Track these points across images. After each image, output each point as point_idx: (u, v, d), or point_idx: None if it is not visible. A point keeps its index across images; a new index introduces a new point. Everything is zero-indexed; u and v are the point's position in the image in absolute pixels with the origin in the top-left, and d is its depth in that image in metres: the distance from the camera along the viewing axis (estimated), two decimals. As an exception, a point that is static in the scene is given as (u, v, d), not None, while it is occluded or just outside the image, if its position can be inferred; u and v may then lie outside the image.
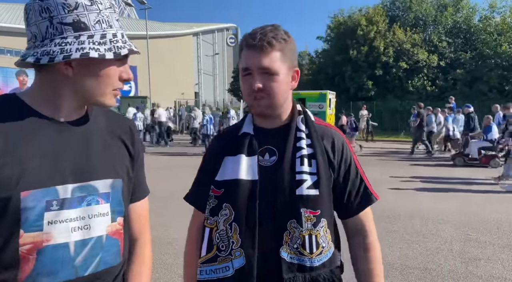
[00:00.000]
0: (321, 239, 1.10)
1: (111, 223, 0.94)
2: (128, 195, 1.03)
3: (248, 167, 1.13)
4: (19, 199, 0.80)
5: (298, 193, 1.09)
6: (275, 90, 1.10)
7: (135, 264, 1.07)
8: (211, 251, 1.13)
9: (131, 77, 0.95)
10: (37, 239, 0.83)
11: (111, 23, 0.88)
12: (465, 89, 24.12)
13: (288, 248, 1.09)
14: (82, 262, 0.88)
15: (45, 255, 0.83)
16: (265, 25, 1.12)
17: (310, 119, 1.21)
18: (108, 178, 0.94)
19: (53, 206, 0.85)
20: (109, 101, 0.93)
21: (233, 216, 1.11)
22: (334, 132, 1.22)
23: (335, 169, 1.16)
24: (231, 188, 1.12)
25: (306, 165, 1.11)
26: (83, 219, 0.89)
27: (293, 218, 1.09)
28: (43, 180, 0.84)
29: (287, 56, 1.11)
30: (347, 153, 1.20)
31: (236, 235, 1.10)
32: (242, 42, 1.12)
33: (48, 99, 0.89)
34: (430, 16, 27.11)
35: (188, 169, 10.02)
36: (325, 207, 1.12)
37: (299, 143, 1.14)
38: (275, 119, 1.19)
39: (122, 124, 1.06)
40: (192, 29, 57.87)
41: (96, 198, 0.91)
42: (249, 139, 1.17)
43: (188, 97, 37.51)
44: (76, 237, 0.87)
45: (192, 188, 1.31)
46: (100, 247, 0.92)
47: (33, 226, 0.82)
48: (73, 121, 0.93)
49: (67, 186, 0.87)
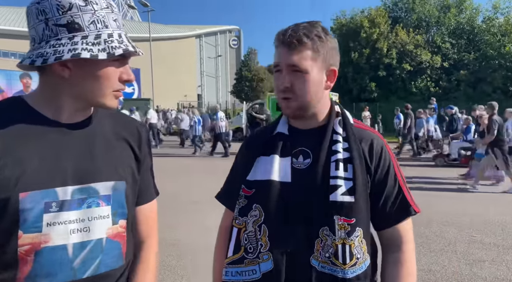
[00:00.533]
0: (356, 250, 1.03)
1: (112, 226, 0.93)
2: (134, 197, 1.01)
3: (281, 168, 1.09)
4: (17, 200, 0.80)
5: (332, 199, 1.03)
6: (304, 90, 1.05)
7: (140, 270, 1.04)
8: (238, 252, 1.09)
9: (132, 78, 0.93)
10: (36, 240, 0.83)
11: (107, 23, 0.86)
12: (469, 90, 24.05)
13: (319, 256, 1.03)
14: (81, 265, 0.88)
15: (43, 257, 0.83)
16: (302, 22, 1.08)
17: (348, 122, 1.14)
18: (109, 180, 0.93)
19: (52, 207, 0.84)
20: (110, 103, 0.92)
21: (263, 217, 1.07)
22: (373, 135, 1.14)
23: (372, 174, 1.09)
24: (262, 188, 1.09)
25: (342, 169, 1.05)
26: (83, 221, 0.88)
27: (326, 225, 1.03)
28: (42, 182, 0.84)
29: (321, 54, 1.05)
30: (385, 157, 1.11)
31: (265, 238, 1.06)
32: (275, 38, 1.09)
33: (50, 101, 0.90)
34: (433, 17, 27.07)
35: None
36: (361, 216, 1.04)
37: (335, 146, 1.08)
38: (310, 120, 1.13)
39: (129, 126, 1.05)
40: (195, 31, 58.04)
41: (96, 200, 0.91)
42: (283, 140, 1.13)
43: (191, 99, 37.58)
44: (75, 239, 0.87)
45: (223, 187, 1.28)
46: (100, 249, 0.91)
47: (32, 227, 0.82)
48: (76, 123, 0.93)
49: (67, 188, 0.87)
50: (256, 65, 44.40)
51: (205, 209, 5.79)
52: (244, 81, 39.70)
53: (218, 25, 66.98)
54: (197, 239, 4.48)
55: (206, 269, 4.01)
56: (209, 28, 63.14)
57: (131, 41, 0.91)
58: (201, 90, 57.60)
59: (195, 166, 10.68)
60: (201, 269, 3.63)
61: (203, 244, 4.26)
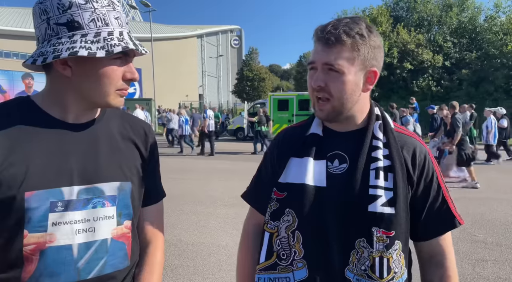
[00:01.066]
0: (394, 264, 0.97)
1: (116, 226, 0.93)
2: (140, 198, 1.01)
3: (315, 171, 1.03)
4: (23, 199, 0.81)
5: (371, 209, 0.96)
6: (339, 91, 0.97)
7: (145, 271, 1.02)
8: (271, 258, 1.05)
9: (136, 77, 0.92)
10: (41, 240, 0.83)
11: (108, 21, 0.85)
12: (470, 89, 23.98)
13: (354, 268, 0.98)
14: (85, 265, 0.87)
15: (48, 256, 0.83)
16: (345, 17, 1.01)
17: (389, 126, 1.05)
18: (115, 180, 0.93)
19: (57, 207, 0.84)
20: (114, 102, 0.91)
21: (297, 223, 1.02)
22: (416, 142, 1.06)
23: (414, 185, 1.02)
24: (295, 192, 1.03)
25: (382, 178, 0.98)
26: (88, 222, 0.88)
27: (363, 237, 0.97)
28: (48, 181, 0.84)
29: (361, 54, 0.96)
30: (429, 166, 1.03)
31: (299, 245, 1.01)
32: (314, 33, 1.01)
33: (56, 101, 0.90)
34: (435, 16, 27.01)
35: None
36: (401, 229, 0.98)
37: (374, 152, 1.01)
38: (347, 122, 1.06)
39: (136, 127, 1.05)
40: (196, 31, 58.08)
41: (101, 201, 0.91)
42: (318, 142, 1.06)
43: (192, 99, 37.61)
44: (80, 240, 0.87)
45: (250, 186, 1.23)
46: (105, 250, 0.91)
47: (37, 227, 0.82)
48: (82, 123, 0.93)
49: (73, 188, 0.87)
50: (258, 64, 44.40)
51: (206, 209, 5.80)
52: (245, 81, 39.70)
53: (219, 25, 67.01)
54: (198, 239, 4.49)
55: (207, 269, 4.03)
56: (210, 28, 63.17)
57: (135, 40, 0.90)
58: (202, 90, 57.61)
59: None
60: (202, 269, 3.64)
61: (204, 244, 4.27)
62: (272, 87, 44.19)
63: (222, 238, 4.53)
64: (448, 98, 23.13)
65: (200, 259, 3.88)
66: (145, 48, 0.91)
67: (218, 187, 7.44)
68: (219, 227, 4.96)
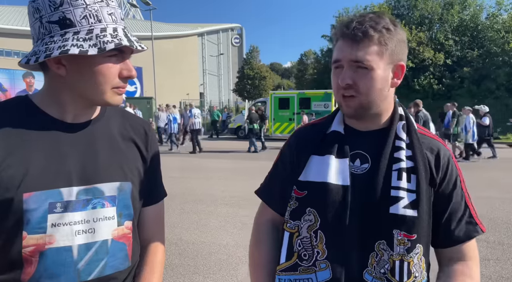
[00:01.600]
0: (414, 268, 0.95)
1: (117, 227, 0.92)
2: (140, 198, 1.00)
3: (338, 170, 1.00)
4: (21, 200, 0.80)
5: (392, 211, 0.94)
6: (368, 88, 0.94)
7: (146, 271, 1.00)
8: (291, 258, 1.02)
9: (133, 74, 0.89)
10: (40, 241, 0.82)
11: (101, 17, 0.82)
12: (472, 88, 23.92)
13: (373, 271, 0.95)
14: (85, 266, 0.86)
15: (47, 258, 0.82)
16: (367, 12, 0.98)
17: (412, 127, 1.03)
18: (115, 180, 0.92)
19: (56, 208, 0.83)
20: (111, 100, 0.89)
21: (319, 223, 0.99)
22: (440, 144, 1.03)
23: (436, 188, 0.99)
24: (317, 191, 1.00)
25: (405, 180, 0.95)
26: (88, 223, 0.87)
27: (383, 239, 0.95)
28: (47, 182, 0.83)
29: (389, 48, 0.94)
30: (452, 170, 1.00)
31: (322, 245, 0.99)
32: (337, 30, 0.98)
33: (53, 100, 0.89)
34: (436, 14, 26.92)
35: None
36: (423, 232, 0.95)
37: (397, 153, 0.98)
38: (371, 121, 1.03)
39: (136, 126, 1.04)
40: (197, 30, 58.04)
41: (101, 201, 0.89)
42: (339, 140, 1.03)
43: (193, 98, 37.61)
44: (80, 241, 0.86)
45: (264, 182, 1.20)
46: (105, 251, 0.89)
47: (36, 228, 0.81)
48: (82, 123, 0.92)
49: (72, 189, 0.86)
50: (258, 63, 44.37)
51: (207, 208, 5.79)
52: (246, 80, 39.67)
53: (220, 23, 66.95)
54: (198, 238, 4.48)
55: (207, 268, 4.01)
56: (211, 26, 63.12)
57: (131, 36, 0.87)
58: (203, 88, 57.61)
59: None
60: (203, 268, 3.63)
61: (205, 243, 4.27)
62: (273, 86, 44.15)
63: (223, 237, 4.52)
64: (450, 96, 23.11)
65: (200, 258, 3.87)
66: (142, 44, 0.88)
67: (219, 186, 7.43)
68: (219, 226, 4.96)
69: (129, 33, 0.87)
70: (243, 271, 3.56)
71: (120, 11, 0.88)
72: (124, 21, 0.89)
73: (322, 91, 17.87)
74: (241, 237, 4.48)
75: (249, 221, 4.93)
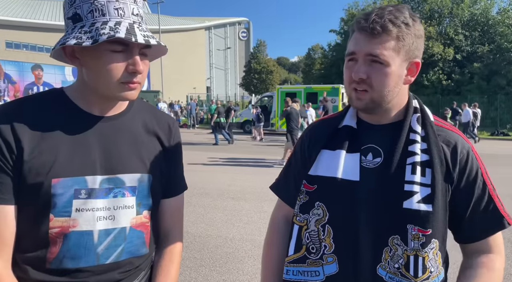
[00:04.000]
0: (430, 263, 0.93)
1: (136, 216, 0.97)
2: (159, 190, 1.04)
3: (348, 165, 0.99)
4: (50, 185, 0.86)
5: (406, 206, 0.92)
6: (382, 84, 0.93)
7: (164, 261, 1.06)
8: (299, 251, 1.03)
9: (139, 69, 0.90)
10: (65, 224, 0.89)
11: (105, 11, 0.85)
12: (482, 83, 23.63)
13: (387, 266, 0.94)
14: (104, 251, 0.92)
15: (70, 240, 0.89)
16: (387, 5, 0.95)
17: (428, 119, 1.00)
18: (136, 172, 0.97)
19: (81, 194, 0.90)
20: (119, 94, 0.91)
21: (327, 217, 0.99)
22: (458, 137, 0.99)
23: (454, 182, 0.95)
24: (326, 186, 1.00)
25: (419, 174, 0.93)
26: (109, 210, 0.93)
27: (397, 234, 0.93)
28: (74, 170, 0.89)
29: (406, 44, 0.92)
30: (472, 163, 0.96)
31: (329, 239, 0.99)
32: (354, 23, 0.96)
33: (80, 93, 0.96)
34: (446, 8, 26.54)
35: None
36: (438, 227, 0.93)
37: (411, 146, 0.96)
38: (384, 115, 1.01)
39: (161, 121, 1.08)
40: (204, 23, 57.89)
41: (122, 191, 0.95)
42: (351, 135, 1.03)
43: (200, 92, 37.63)
44: (101, 226, 0.92)
45: (279, 178, 1.21)
46: (123, 238, 0.95)
47: (62, 212, 0.88)
48: (108, 116, 0.97)
49: (96, 177, 0.92)
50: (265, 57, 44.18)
51: (213, 201, 5.81)
52: (253, 74, 39.57)
53: (227, 17, 66.69)
54: (204, 231, 4.51)
55: (214, 261, 4.04)
56: (218, 20, 62.90)
57: (142, 31, 0.88)
58: (210, 82, 57.61)
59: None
60: (209, 261, 3.66)
61: (211, 236, 4.29)
62: (280, 80, 43.99)
63: (229, 230, 4.55)
64: (459, 92, 22.85)
65: (206, 251, 3.90)
66: (153, 39, 0.89)
67: (225, 179, 7.46)
68: (226, 219, 4.98)
69: (140, 28, 0.88)
70: (249, 265, 3.59)
71: (136, 6, 0.90)
72: (138, 16, 0.90)
73: (329, 86, 17.77)
74: (247, 231, 4.50)
75: (255, 215, 4.95)
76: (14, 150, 0.85)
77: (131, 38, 0.84)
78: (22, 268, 0.90)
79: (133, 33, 0.85)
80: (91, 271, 0.91)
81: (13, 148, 0.85)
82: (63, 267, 0.89)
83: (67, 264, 0.89)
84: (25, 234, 0.88)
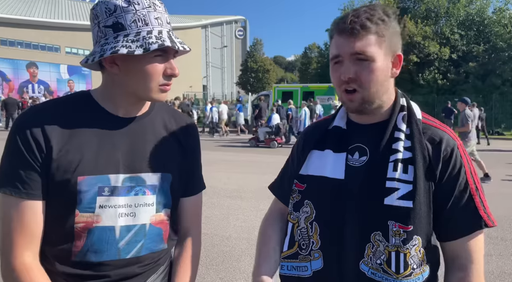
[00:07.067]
0: (412, 259, 0.93)
1: (155, 213, 1.02)
2: (179, 189, 1.09)
3: (334, 164, 1.03)
4: (76, 182, 0.92)
5: (387, 202, 0.94)
6: (371, 80, 0.95)
7: (183, 258, 1.10)
8: (293, 247, 1.08)
9: (176, 72, 0.98)
10: (89, 219, 0.94)
11: (148, 21, 0.92)
12: (477, 83, 23.78)
13: (370, 262, 0.96)
14: (125, 246, 0.97)
15: (94, 235, 0.94)
16: (361, 6, 0.99)
17: (414, 117, 1.01)
18: (157, 171, 1.02)
19: (104, 192, 0.95)
20: (156, 96, 0.98)
21: (314, 215, 1.04)
22: (443, 134, 0.99)
23: (437, 179, 0.96)
24: (313, 184, 1.05)
25: (400, 171, 0.95)
26: (130, 207, 0.98)
27: (379, 230, 0.95)
28: (98, 168, 0.95)
29: (386, 39, 0.95)
30: (456, 160, 0.96)
31: (317, 236, 1.03)
32: (332, 27, 0.99)
33: (108, 96, 1.01)
34: (442, 8, 26.66)
35: None
36: (421, 223, 0.93)
37: (395, 144, 0.98)
38: (373, 114, 1.03)
39: (181, 122, 1.13)
40: (201, 22, 57.74)
41: (143, 189, 1.00)
42: (340, 135, 1.07)
43: (196, 90, 37.56)
44: (122, 222, 0.97)
45: (277, 178, 1.27)
46: (143, 234, 1.00)
47: (86, 208, 0.93)
48: (132, 117, 1.03)
49: (119, 176, 0.97)
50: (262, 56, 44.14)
51: (209, 200, 5.81)
52: (249, 72, 39.50)
53: (224, 16, 66.55)
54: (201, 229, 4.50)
55: (210, 259, 4.04)
56: (215, 18, 62.75)
57: (176, 38, 0.95)
58: (206, 81, 57.50)
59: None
60: (205, 259, 3.65)
61: (207, 235, 4.29)
62: (276, 79, 43.97)
63: (226, 229, 4.55)
64: (455, 91, 22.99)
65: (203, 250, 3.86)
66: (185, 45, 0.97)
67: (221, 178, 7.45)
68: (222, 217, 4.98)
69: (174, 35, 0.96)
70: (246, 263, 3.59)
71: (167, 15, 0.98)
72: (170, 24, 0.98)
73: (326, 85, 17.80)
74: (243, 229, 4.50)
75: (252, 214, 4.96)
76: (44, 149, 0.91)
77: (175, 46, 0.92)
78: (49, 260, 0.95)
79: (171, 40, 0.93)
80: (112, 265, 0.96)
81: (43, 147, 0.91)
82: (87, 260, 0.94)
83: (90, 258, 0.94)
84: (53, 228, 0.94)
